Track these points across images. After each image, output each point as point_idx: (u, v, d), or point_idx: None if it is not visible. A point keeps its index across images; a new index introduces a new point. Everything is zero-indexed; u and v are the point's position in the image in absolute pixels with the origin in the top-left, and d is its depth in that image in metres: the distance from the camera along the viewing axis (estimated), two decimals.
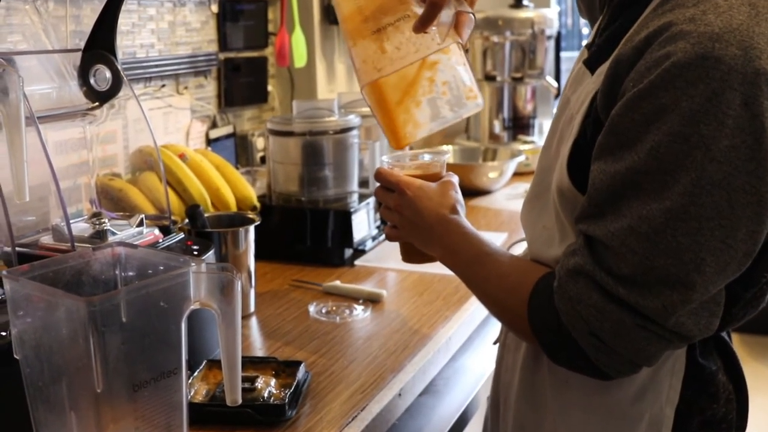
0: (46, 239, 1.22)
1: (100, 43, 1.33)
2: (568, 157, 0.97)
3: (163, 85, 1.98)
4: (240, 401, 0.95)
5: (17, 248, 1.15)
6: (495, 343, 1.29)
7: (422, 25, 1.04)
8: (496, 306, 1.06)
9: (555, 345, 0.95)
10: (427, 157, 1.29)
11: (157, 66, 1.94)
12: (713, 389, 1.01)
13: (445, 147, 2.78)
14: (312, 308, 1.54)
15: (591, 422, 1.03)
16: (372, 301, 1.58)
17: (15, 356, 0.88)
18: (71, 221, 1.21)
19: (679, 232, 0.83)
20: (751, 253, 0.85)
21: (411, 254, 1.26)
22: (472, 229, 1.13)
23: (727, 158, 0.81)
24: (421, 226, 1.17)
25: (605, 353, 0.90)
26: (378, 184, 1.25)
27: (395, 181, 1.20)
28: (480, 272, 1.08)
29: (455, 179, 1.23)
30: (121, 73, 1.34)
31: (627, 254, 0.86)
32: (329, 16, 2.50)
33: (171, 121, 2.02)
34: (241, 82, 2.27)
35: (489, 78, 2.79)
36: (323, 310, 1.54)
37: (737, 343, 4.25)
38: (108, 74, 1.34)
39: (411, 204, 1.17)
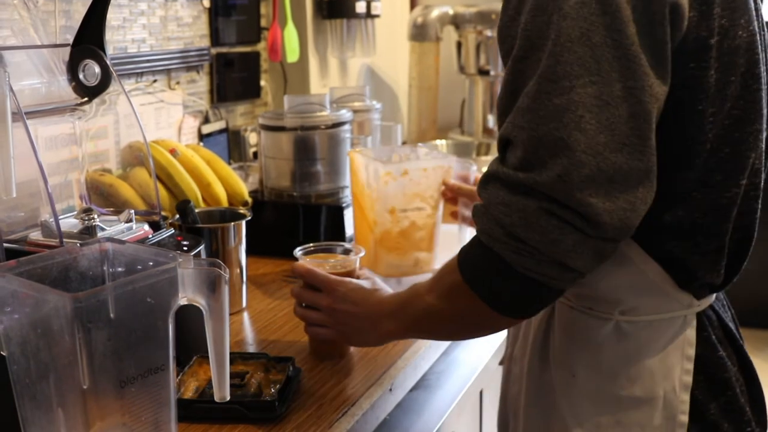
0: (35, 235, 1.21)
1: (89, 38, 1.32)
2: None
3: (155, 80, 1.98)
4: (228, 397, 0.94)
5: (5, 244, 1.15)
6: (500, 363, 1.30)
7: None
8: (439, 300, 1.03)
9: (491, 285, 0.94)
10: (340, 255, 1.36)
11: (148, 61, 1.93)
12: (726, 375, 1.01)
13: (438, 141, 2.78)
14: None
15: (602, 413, 1.02)
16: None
17: (1, 353, 0.88)
18: (61, 217, 1.21)
19: (553, 95, 0.85)
20: (639, 114, 0.85)
21: (325, 351, 1.30)
22: (400, 294, 1.14)
23: (580, 14, 0.84)
24: (361, 316, 1.17)
25: (527, 254, 0.89)
26: (295, 284, 1.28)
27: (324, 280, 1.21)
28: (416, 307, 1.07)
29: (369, 272, 1.31)
30: (110, 68, 1.34)
31: (518, 135, 0.88)
32: (322, 10, 2.50)
33: (163, 117, 2.01)
34: (233, 77, 2.27)
35: (482, 72, 2.79)
36: None
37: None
38: (97, 69, 1.33)
39: (346, 298, 1.18)
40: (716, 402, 1.01)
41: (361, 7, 2.51)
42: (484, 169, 0.98)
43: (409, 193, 1.59)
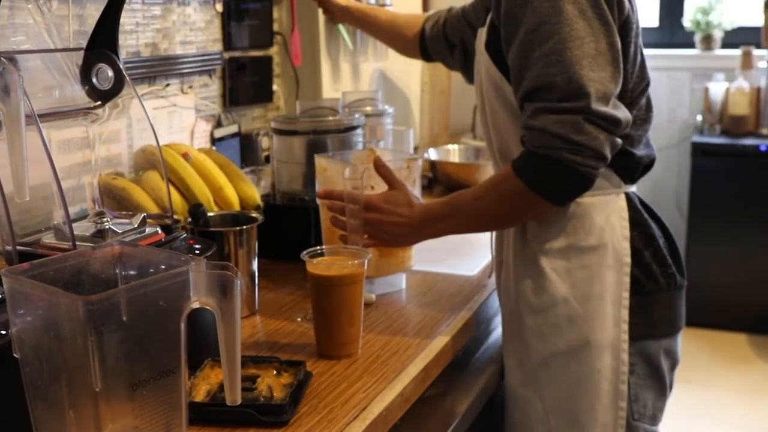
0: (48, 238, 1.22)
1: (103, 42, 1.33)
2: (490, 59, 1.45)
3: (168, 84, 1.98)
4: (239, 401, 0.94)
5: (18, 247, 1.15)
6: (489, 276, 1.74)
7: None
8: (497, 203, 1.41)
9: (548, 183, 1.34)
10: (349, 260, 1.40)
11: (161, 65, 1.93)
12: (651, 231, 1.47)
13: (450, 146, 2.77)
14: None
15: (570, 260, 1.44)
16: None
17: (15, 355, 0.88)
18: (74, 220, 1.21)
19: (573, 49, 1.29)
20: (617, 58, 1.33)
21: (333, 350, 1.36)
22: (439, 200, 1.50)
23: (575, 1, 1.30)
24: (406, 224, 1.48)
25: (578, 152, 1.29)
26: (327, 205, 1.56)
27: (367, 200, 1.49)
28: (470, 205, 1.44)
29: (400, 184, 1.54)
30: (123, 72, 1.34)
31: (552, 79, 1.29)
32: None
33: (175, 121, 2.02)
34: (246, 81, 2.27)
35: None
36: None
37: (746, 343, 4.20)
38: (110, 73, 1.34)
39: (392, 212, 1.49)
40: (647, 250, 1.45)
41: None
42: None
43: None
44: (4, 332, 0.94)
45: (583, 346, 1.43)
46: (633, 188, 1.50)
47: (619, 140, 1.34)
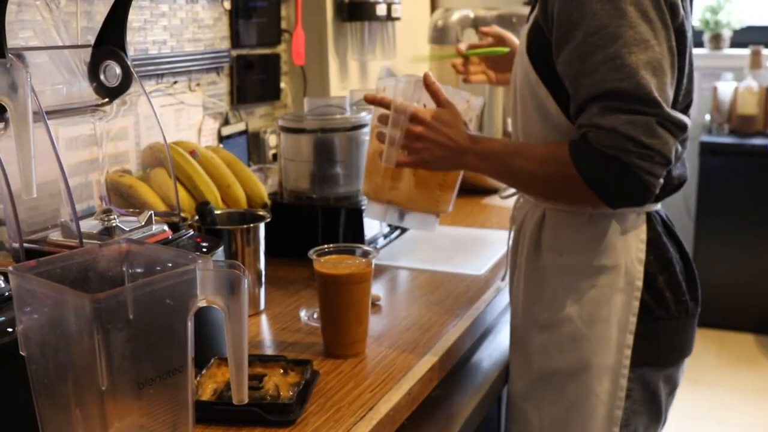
0: (55, 236, 1.21)
1: (110, 39, 1.33)
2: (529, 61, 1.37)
3: (175, 82, 1.98)
4: (246, 400, 0.94)
5: (25, 244, 1.15)
6: (502, 280, 1.71)
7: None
8: (543, 179, 1.34)
9: (611, 186, 1.26)
10: (358, 258, 1.38)
11: (169, 63, 1.93)
12: (669, 256, 1.40)
13: None
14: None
15: (582, 279, 1.39)
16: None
17: (21, 353, 0.88)
18: (81, 218, 1.21)
19: (638, 53, 1.23)
20: (674, 63, 1.27)
21: (340, 350, 1.35)
22: (490, 137, 1.46)
23: (637, 3, 1.24)
24: (450, 147, 1.40)
25: (647, 157, 1.22)
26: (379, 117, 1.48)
27: (415, 111, 1.41)
28: (518, 160, 1.36)
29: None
30: (131, 69, 1.34)
31: (619, 85, 1.22)
32: (342, 13, 2.50)
33: (183, 118, 2.02)
34: (253, 79, 2.27)
35: None
36: None
37: (754, 343, 4.18)
38: (118, 70, 1.34)
39: (439, 130, 1.41)
40: (662, 276, 1.39)
41: (381, 10, 2.50)
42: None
43: None
44: (10, 330, 0.94)
45: (583, 369, 1.40)
46: (657, 206, 1.43)
47: (680, 147, 1.29)
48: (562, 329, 1.41)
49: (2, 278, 1.03)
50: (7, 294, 1.01)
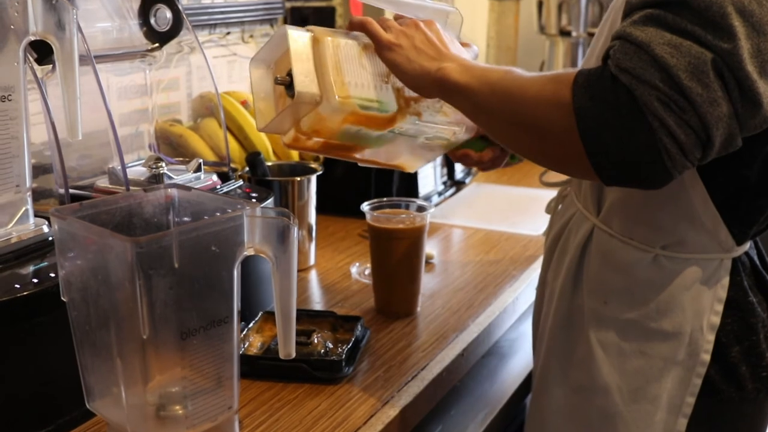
0: (102, 182, 1.19)
1: None
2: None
3: (228, 33, 1.94)
4: (293, 355, 0.90)
5: (72, 190, 1.12)
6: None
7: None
8: (533, 103, 0.89)
9: (598, 119, 0.82)
10: (412, 212, 1.31)
11: (222, 13, 1.89)
12: (754, 320, 1.02)
13: None
14: None
15: (628, 341, 1.03)
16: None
17: (62, 299, 0.85)
18: (129, 165, 1.18)
19: None
20: None
21: (392, 308, 1.28)
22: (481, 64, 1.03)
23: None
24: (436, 46, 1.05)
25: (676, 108, 0.79)
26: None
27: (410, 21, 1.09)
28: (510, 75, 0.94)
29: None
30: (182, 13, 1.30)
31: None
32: None
33: (235, 70, 1.98)
34: None
35: (564, 33, 2.68)
36: None
37: None
38: (168, 14, 1.30)
39: (427, 33, 1.06)
40: (740, 345, 1.02)
41: None
42: None
43: None
44: (52, 275, 0.91)
45: None
46: (746, 247, 1.04)
47: (737, 136, 0.84)
48: (593, 399, 1.06)
49: (46, 223, 1.01)
50: (50, 239, 0.98)
